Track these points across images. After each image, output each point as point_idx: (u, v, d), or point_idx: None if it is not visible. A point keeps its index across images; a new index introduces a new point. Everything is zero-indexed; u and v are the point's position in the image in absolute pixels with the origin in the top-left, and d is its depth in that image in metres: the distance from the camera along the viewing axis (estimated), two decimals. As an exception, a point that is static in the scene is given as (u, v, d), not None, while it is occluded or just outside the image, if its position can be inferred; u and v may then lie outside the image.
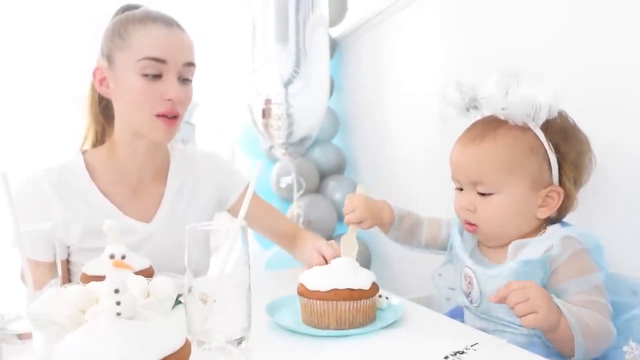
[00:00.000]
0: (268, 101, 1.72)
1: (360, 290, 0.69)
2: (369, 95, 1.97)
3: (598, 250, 0.74)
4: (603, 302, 0.72)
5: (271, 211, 1.20)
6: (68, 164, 1.01)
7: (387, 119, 1.86)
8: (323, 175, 2.07)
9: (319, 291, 0.69)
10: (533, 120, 0.76)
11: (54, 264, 0.97)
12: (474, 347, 0.58)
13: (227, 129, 2.35)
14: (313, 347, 0.62)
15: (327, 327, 0.68)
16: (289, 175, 1.86)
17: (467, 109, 0.83)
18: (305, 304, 0.71)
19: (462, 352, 0.56)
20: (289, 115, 1.70)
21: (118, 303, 0.42)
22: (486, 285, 0.78)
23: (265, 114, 1.72)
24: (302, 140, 1.81)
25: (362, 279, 0.70)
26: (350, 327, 0.68)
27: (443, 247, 0.93)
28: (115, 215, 0.99)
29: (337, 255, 0.86)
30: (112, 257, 0.43)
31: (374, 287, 0.71)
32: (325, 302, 0.68)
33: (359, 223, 0.90)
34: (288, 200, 1.98)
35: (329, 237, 1.91)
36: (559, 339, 0.67)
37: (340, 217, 1.96)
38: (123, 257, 0.43)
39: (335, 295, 0.68)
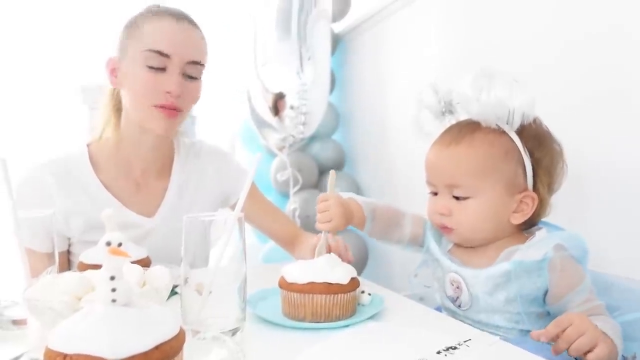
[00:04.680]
0: (280, 95, 1.71)
1: (337, 284, 0.69)
2: (370, 91, 1.97)
3: (584, 255, 0.75)
4: (601, 303, 0.73)
5: (272, 211, 1.20)
6: (72, 155, 1.01)
7: (387, 115, 1.86)
8: (322, 170, 2.07)
9: (296, 283, 0.70)
10: (507, 124, 0.76)
11: (52, 255, 0.98)
12: (466, 342, 0.58)
13: (228, 122, 2.35)
14: (303, 339, 0.62)
15: (303, 319, 0.69)
16: (286, 170, 1.86)
17: (443, 113, 0.83)
18: (284, 296, 0.72)
19: (455, 348, 0.57)
20: (304, 107, 1.70)
21: (113, 290, 0.42)
22: (476, 287, 0.77)
23: (280, 107, 1.72)
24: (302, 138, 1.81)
25: (340, 274, 0.70)
26: (325, 320, 0.69)
27: (423, 245, 0.91)
28: (117, 208, 0.99)
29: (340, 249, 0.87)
30: (108, 244, 0.43)
31: (353, 283, 0.72)
32: (301, 294, 0.69)
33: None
34: (286, 194, 1.98)
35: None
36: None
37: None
38: (119, 245, 0.43)
39: (312, 288, 0.69)
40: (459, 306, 0.81)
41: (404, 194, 1.75)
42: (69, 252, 1.02)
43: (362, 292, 0.76)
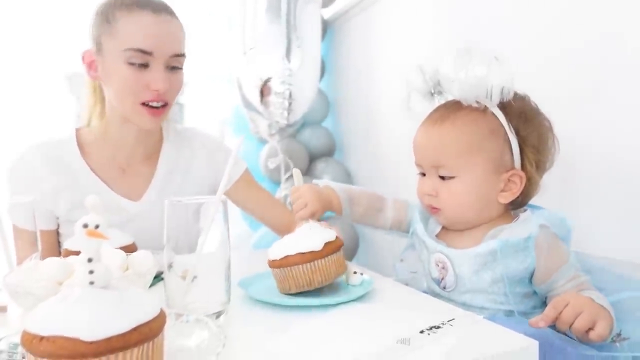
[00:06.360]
0: (267, 79, 1.70)
1: (310, 252, 0.70)
2: (360, 77, 1.96)
3: (567, 234, 0.77)
4: (587, 277, 0.74)
5: (267, 199, 1.19)
6: (61, 139, 1.03)
7: (377, 102, 1.85)
8: (312, 158, 2.06)
9: (275, 260, 0.72)
10: (487, 100, 0.76)
11: (45, 232, 0.98)
12: (450, 322, 0.59)
13: (217, 109, 2.33)
14: (287, 320, 0.63)
15: (289, 291, 0.72)
16: (277, 157, 1.85)
17: (432, 94, 0.83)
18: (273, 274, 0.74)
19: (438, 327, 0.57)
20: (290, 93, 1.69)
21: (91, 272, 0.42)
22: (462, 267, 0.78)
23: (264, 92, 1.71)
24: (292, 124, 1.80)
25: (312, 241, 0.71)
26: (309, 287, 0.71)
27: (408, 230, 0.92)
28: (103, 191, 1.01)
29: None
30: (85, 226, 0.43)
31: (330, 246, 0.72)
32: (281, 269, 0.71)
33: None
34: (277, 181, 1.98)
35: (317, 219, 1.91)
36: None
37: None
38: (97, 227, 0.43)
39: (287, 261, 0.71)
40: (444, 288, 0.81)
41: (394, 180, 1.75)
42: (57, 233, 1.04)
43: (354, 272, 0.77)
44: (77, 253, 0.76)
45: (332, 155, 2.12)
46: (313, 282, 0.71)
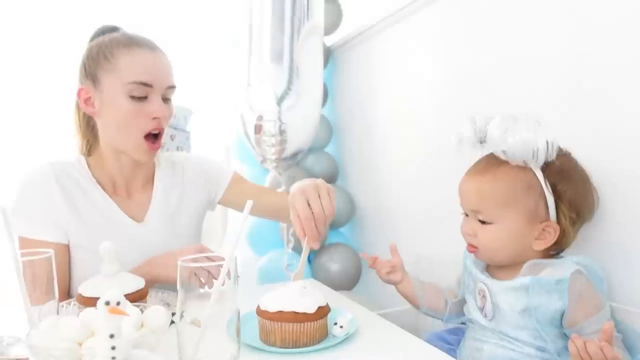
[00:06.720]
0: (260, 117, 1.74)
1: (304, 313, 0.74)
2: (362, 104, 2.00)
3: (600, 282, 0.82)
4: (618, 335, 0.78)
5: (260, 189, 1.30)
6: (72, 162, 1.09)
7: (380, 129, 1.89)
8: (316, 183, 2.09)
9: (267, 311, 0.75)
10: (532, 160, 0.83)
11: (58, 246, 1.01)
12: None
13: (222, 136, 2.37)
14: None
15: (273, 344, 0.75)
16: (280, 188, 1.89)
17: (480, 142, 0.90)
18: (259, 322, 0.77)
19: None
20: (281, 133, 1.73)
21: (113, 348, 0.45)
22: (497, 296, 0.85)
23: (257, 129, 1.76)
24: (295, 154, 1.83)
25: (308, 303, 0.75)
26: (293, 347, 0.74)
27: (442, 316, 1.03)
28: (114, 210, 1.07)
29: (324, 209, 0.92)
30: (107, 303, 0.46)
31: (321, 311, 0.76)
32: (271, 322, 0.74)
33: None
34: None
35: (320, 245, 1.94)
36: None
37: (331, 226, 2.00)
38: (118, 304, 0.46)
39: (281, 317, 0.74)
40: (485, 316, 0.88)
41: (395, 206, 1.78)
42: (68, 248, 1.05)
43: (335, 324, 0.79)
44: (92, 300, 0.80)
45: (335, 181, 2.15)
46: (299, 343, 0.74)
